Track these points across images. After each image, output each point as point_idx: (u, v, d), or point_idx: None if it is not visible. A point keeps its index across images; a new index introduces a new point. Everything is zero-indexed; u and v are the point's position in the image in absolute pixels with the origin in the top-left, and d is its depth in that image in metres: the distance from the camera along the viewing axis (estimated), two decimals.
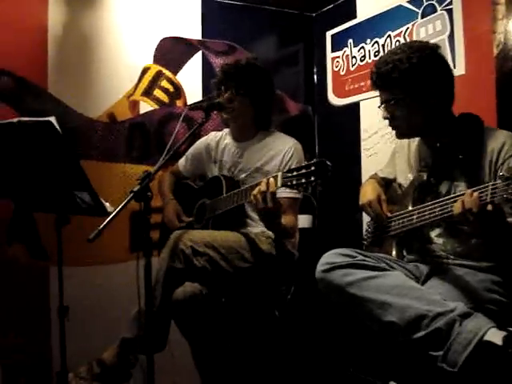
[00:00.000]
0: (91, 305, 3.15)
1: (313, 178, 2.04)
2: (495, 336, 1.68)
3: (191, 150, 3.05)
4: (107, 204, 2.11)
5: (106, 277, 3.28)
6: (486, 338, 1.68)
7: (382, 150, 3.46)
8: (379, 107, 2.20)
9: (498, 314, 1.88)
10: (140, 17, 3.52)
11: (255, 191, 2.28)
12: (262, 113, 2.80)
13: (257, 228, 2.72)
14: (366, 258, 1.97)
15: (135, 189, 1.93)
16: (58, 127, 1.89)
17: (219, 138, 2.96)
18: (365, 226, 2.52)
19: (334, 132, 3.95)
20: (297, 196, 2.67)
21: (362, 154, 3.64)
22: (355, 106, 3.69)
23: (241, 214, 2.70)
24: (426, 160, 2.23)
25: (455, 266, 2.04)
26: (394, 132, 2.25)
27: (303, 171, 2.08)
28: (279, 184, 2.19)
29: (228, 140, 2.91)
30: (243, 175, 2.78)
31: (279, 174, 2.20)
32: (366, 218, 3.52)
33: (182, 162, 3.07)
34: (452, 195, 1.90)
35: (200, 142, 3.04)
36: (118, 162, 3.40)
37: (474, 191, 1.75)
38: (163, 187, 3.02)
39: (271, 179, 2.24)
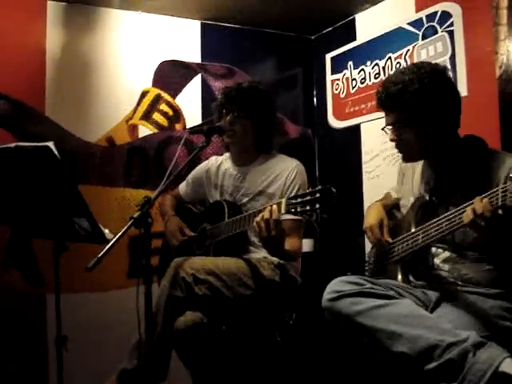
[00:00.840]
0: (90, 333, 3.09)
1: (317, 206, 2.00)
2: (511, 366, 1.61)
3: (192, 174, 3.00)
4: (106, 231, 2.05)
5: (105, 304, 3.23)
6: (502, 368, 1.62)
7: (385, 172, 3.42)
8: (383, 129, 2.14)
9: (511, 342, 1.81)
10: (139, 40, 3.52)
11: (258, 218, 2.24)
12: (264, 136, 2.76)
13: (259, 253, 2.67)
14: (375, 286, 1.91)
15: (135, 215, 1.89)
16: (56, 152, 1.85)
17: (220, 163, 2.92)
18: (366, 256, 2.46)
19: (334, 155, 3.92)
20: (301, 218, 2.61)
21: (364, 177, 3.61)
22: (356, 129, 3.67)
23: (243, 239, 2.65)
24: (429, 182, 2.18)
25: (464, 292, 1.98)
26: (397, 154, 2.20)
27: (308, 198, 2.04)
28: (283, 211, 2.14)
29: (228, 164, 2.87)
30: (246, 199, 2.73)
31: (283, 200, 2.15)
32: (368, 242, 3.48)
33: (182, 186, 3.02)
34: (459, 207, 1.84)
35: (200, 167, 3.00)
36: (117, 187, 3.38)
37: (484, 197, 1.71)
38: (165, 207, 2.96)
39: (274, 206, 2.20)
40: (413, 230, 2.07)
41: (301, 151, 3.62)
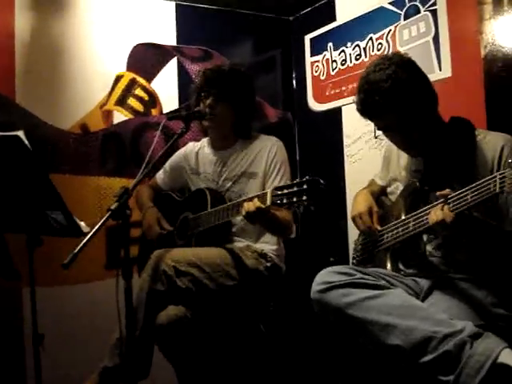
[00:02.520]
0: (67, 328, 3.00)
1: (305, 198, 1.93)
2: (509, 357, 1.56)
3: (169, 162, 2.91)
4: (82, 223, 1.96)
5: (83, 297, 3.13)
6: (500, 360, 1.57)
7: (367, 155, 3.36)
8: (376, 137, 2.09)
9: (507, 331, 1.76)
10: (112, 22, 3.40)
11: (244, 212, 2.17)
12: (243, 121, 2.69)
13: (242, 242, 2.61)
14: (365, 276, 1.85)
15: (112, 207, 1.81)
16: (26, 142, 1.75)
17: (198, 149, 2.84)
18: (352, 245, 2.40)
19: (315, 139, 3.85)
20: None
21: (346, 161, 3.54)
22: (337, 112, 3.59)
23: (226, 229, 2.58)
24: (417, 168, 2.12)
25: (457, 279, 1.92)
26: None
27: (294, 189, 1.97)
28: (268, 202, 2.07)
29: (208, 150, 2.79)
30: (229, 183, 2.67)
31: (268, 191, 2.08)
32: (351, 227, 3.43)
33: (159, 174, 2.93)
34: (454, 194, 1.77)
35: (178, 154, 2.91)
36: (92, 176, 3.26)
37: (479, 184, 1.67)
38: (142, 198, 2.86)
39: (258, 199, 2.14)
40: (403, 218, 2.01)
41: (280, 135, 3.53)
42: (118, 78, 3.39)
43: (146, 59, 3.48)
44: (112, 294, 1.85)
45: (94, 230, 1.72)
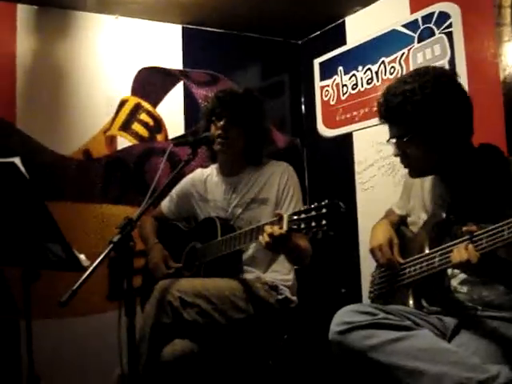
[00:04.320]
0: (66, 363, 2.89)
1: (324, 222, 1.80)
2: None
3: (176, 189, 2.79)
4: (82, 256, 1.84)
5: (83, 330, 3.01)
6: None
7: (380, 183, 3.25)
8: (388, 141, 1.94)
9: None
10: (117, 46, 3.35)
11: (263, 241, 2.04)
12: (254, 146, 2.59)
13: (252, 273, 2.48)
14: (389, 316, 1.71)
15: (115, 239, 1.70)
16: (23, 169, 1.64)
17: (207, 175, 2.73)
18: (368, 277, 2.25)
19: (325, 165, 3.75)
20: None
21: (357, 188, 3.44)
22: (348, 137, 3.50)
23: (236, 259, 2.45)
24: (443, 197, 1.98)
25: (485, 318, 1.78)
26: (394, 163, 2.03)
27: (313, 213, 1.84)
28: (285, 228, 1.95)
29: (217, 176, 2.69)
30: (240, 210, 2.55)
31: (285, 216, 1.96)
32: (363, 256, 3.30)
33: (165, 203, 2.81)
34: (483, 230, 1.64)
35: (186, 181, 2.79)
36: (94, 203, 3.18)
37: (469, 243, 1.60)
38: (145, 231, 2.74)
39: (275, 225, 2.01)
40: (427, 251, 1.87)
41: (289, 161, 3.45)
42: (122, 103, 3.34)
43: (152, 83, 3.43)
44: (114, 326, 1.74)
45: (94, 265, 1.61)
